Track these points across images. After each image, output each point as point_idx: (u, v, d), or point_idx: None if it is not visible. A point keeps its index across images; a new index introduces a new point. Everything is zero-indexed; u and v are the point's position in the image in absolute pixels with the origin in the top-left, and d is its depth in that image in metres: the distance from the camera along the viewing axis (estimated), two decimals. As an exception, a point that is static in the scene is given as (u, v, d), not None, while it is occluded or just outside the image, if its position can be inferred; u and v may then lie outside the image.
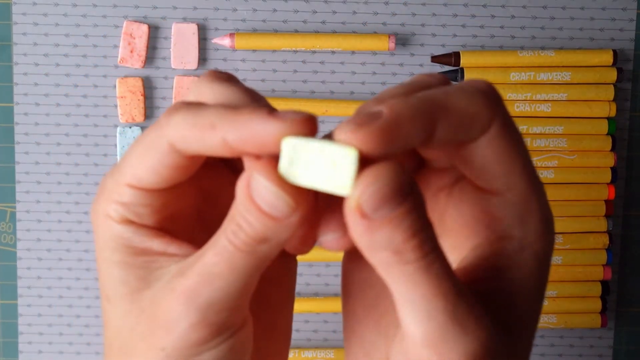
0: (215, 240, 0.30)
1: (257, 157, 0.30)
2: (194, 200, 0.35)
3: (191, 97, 0.34)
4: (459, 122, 0.30)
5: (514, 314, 0.31)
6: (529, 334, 0.32)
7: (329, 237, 0.31)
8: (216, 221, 0.35)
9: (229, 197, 0.34)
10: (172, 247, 0.33)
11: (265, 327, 0.36)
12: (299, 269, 0.39)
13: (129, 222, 0.33)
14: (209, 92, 0.34)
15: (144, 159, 0.32)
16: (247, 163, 0.32)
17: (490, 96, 0.31)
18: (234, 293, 0.30)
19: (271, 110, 0.29)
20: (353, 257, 0.35)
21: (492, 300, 0.31)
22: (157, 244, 0.33)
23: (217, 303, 0.30)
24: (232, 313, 0.31)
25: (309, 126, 0.29)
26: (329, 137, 0.31)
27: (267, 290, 0.35)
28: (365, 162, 0.28)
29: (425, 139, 0.29)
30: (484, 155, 0.31)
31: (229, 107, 0.30)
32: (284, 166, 0.29)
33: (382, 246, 0.28)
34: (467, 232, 0.33)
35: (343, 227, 0.30)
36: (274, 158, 0.29)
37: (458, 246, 0.34)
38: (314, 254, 0.62)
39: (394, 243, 0.28)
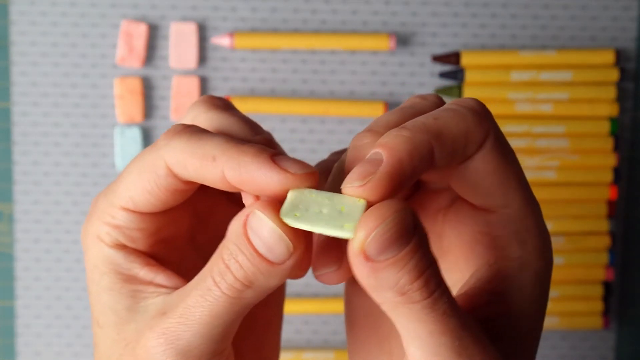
0: (201, 280, 0.30)
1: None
2: (187, 223, 0.35)
3: (187, 122, 0.34)
4: (454, 144, 0.30)
5: (517, 337, 0.31)
6: (531, 353, 0.32)
7: (323, 271, 0.30)
8: (208, 244, 0.34)
9: (221, 219, 0.34)
10: (160, 276, 0.33)
11: (253, 347, 0.36)
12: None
13: (121, 246, 0.33)
14: (206, 121, 0.33)
15: (141, 181, 0.31)
16: (246, 200, 0.31)
17: (481, 113, 0.31)
18: (215, 337, 0.30)
19: (273, 155, 0.29)
20: (355, 284, 0.35)
21: (496, 326, 0.31)
22: (145, 272, 0.33)
23: (197, 347, 0.30)
24: (212, 356, 0.31)
25: (311, 181, 0.29)
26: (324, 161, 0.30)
27: (254, 311, 0.34)
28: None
29: (427, 169, 0.29)
30: (479, 171, 0.31)
31: (231, 141, 0.30)
32: (285, 209, 0.29)
33: (388, 287, 0.28)
34: (467, 253, 0.33)
35: (337, 262, 0.30)
36: (276, 200, 0.29)
37: (458, 267, 0.34)
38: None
39: (399, 284, 0.28)
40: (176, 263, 0.34)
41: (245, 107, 0.61)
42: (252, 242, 0.29)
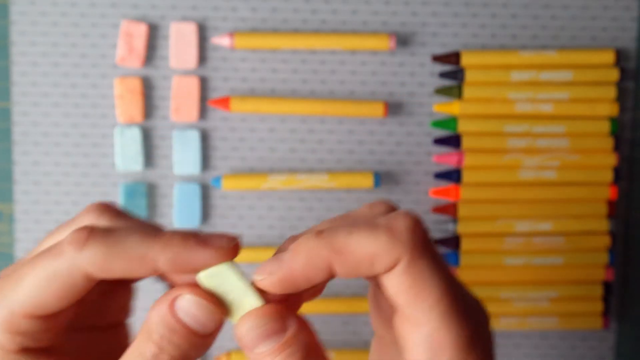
0: None
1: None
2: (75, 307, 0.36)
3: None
4: (354, 264, 0.32)
5: None
6: None
7: None
8: (80, 317, 0.35)
9: (91, 294, 0.34)
10: None
11: None
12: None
13: (25, 350, 0.33)
14: (110, 224, 0.34)
15: (51, 287, 0.32)
16: (179, 279, 0.34)
17: (399, 237, 0.31)
18: None
19: (196, 236, 0.32)
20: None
21: None
22: None
23: None
24: None
25: (236, 251, 0.33)
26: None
27: None
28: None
29: (326, 277, 0.33)
30: (391, 287, 0.32)
31: (150, 236, 0.32)
32: (210, 272, 0.32)
33: None
34: (396, 355, 0.34)
35: None
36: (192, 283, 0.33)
37: None
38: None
39: None
40: (69, 348, 0.35)
41: (245, 107, 0.61)
42: (183, 320, 0.31)
